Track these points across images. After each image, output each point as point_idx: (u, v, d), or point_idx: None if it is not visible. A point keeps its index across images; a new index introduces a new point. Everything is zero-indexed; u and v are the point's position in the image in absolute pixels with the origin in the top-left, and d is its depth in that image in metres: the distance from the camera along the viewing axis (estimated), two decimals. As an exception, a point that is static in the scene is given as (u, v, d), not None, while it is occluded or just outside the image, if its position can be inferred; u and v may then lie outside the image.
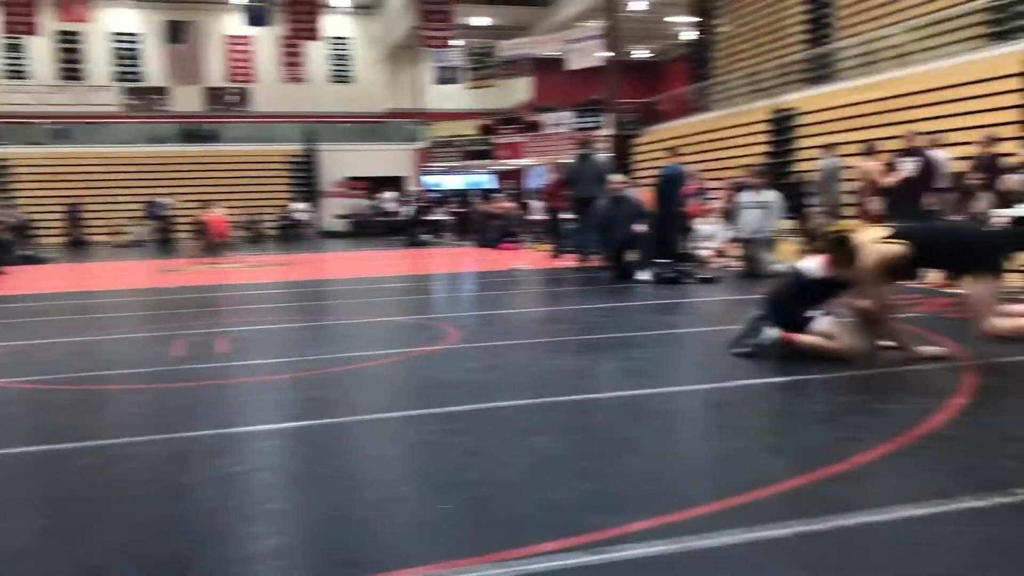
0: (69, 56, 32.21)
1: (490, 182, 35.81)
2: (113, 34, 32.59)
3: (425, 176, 32.93)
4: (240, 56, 33.27)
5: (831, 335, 4.50)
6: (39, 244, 22.26)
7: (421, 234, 22.25)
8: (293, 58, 33.47)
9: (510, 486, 2.74)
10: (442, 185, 34.83)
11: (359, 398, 4.32)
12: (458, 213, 24.37)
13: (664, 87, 34.75)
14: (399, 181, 31.34)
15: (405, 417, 3.81)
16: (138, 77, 32.76)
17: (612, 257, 10.39)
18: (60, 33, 30.61)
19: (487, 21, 34.31)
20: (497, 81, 32.73)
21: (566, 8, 30.64)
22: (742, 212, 10.22)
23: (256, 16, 29.40)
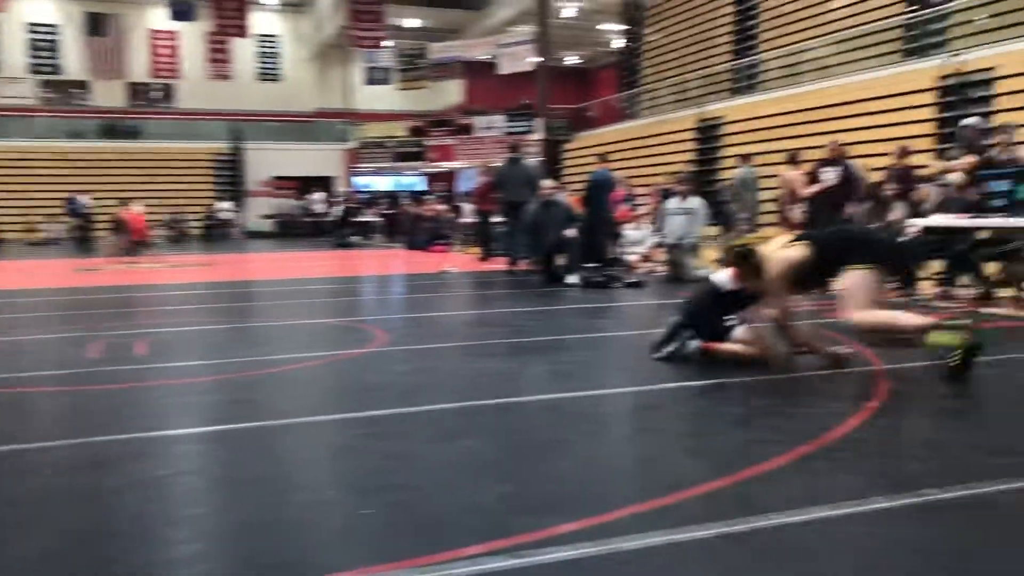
0: (-19, 46, 31.04)
1: (420, 184, 35.64)
2: (30, 24, 31.47)
3: (354, 177, 32.60)
4: (165, 51, 32.46)
5: (749, 342, 4.61)
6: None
7: (349, 235, 22.03)
8: (220, 55, 32.79)
9: (435, 490, 2.73)
10: (372, 186, 34.51)
11: (283, 401, 4.25)
12: (388, 215, 24.20)
13: (594, 94, 35.12)
14: (328, 181, 30.95)
15: (330, 421, 3.76)
16: (56, 70, 31.66)
17: (542, 261, 10.45)
18: (-28, 22, 29.50)
19: (418, 23, 34.16)
20: (428, 83, 32.64)
21: (498, 12, 30.73)
22: (668, 218, 10.40)
23: (181, 10, 28.73)
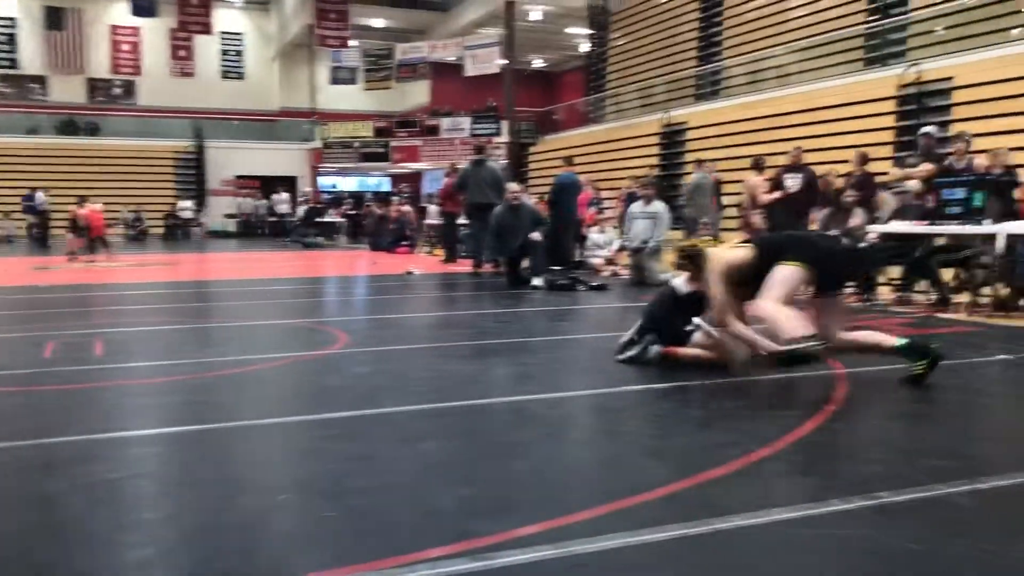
0: (-64, 39, 30.40)
1: (385, 185, 35.49)
2: (-15, 17, 30.90)
3: (319, 177, 32.36)
4: (126, 47, 32.01)
5: (708, 345, 4.65)
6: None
7: (313, 236, 21.87)
8: (182, 51, 32.42)
9: (394, 493, 2.71)
10: (336, 186, 34.31)
11: (242, 403, 4.19)
12: (352, 215, 24.05)
13: (560, 97, 35.25)
14: (292, 181, 30.68)
15: (289, 423, 3.71)
16: (13, 64, 31.04)
17: (507, 263, 10.45)
18: (-74, 14, 28.90)
19: (385, 23, 34.03)
20: (394, 83, 32.52)
21: (465, 14, 30.72)
22: (632, 222, 10.45)
23: (143, 6, 28.34)
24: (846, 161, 10.82)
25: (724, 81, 21.82)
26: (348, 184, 35.10)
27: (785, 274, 4.19)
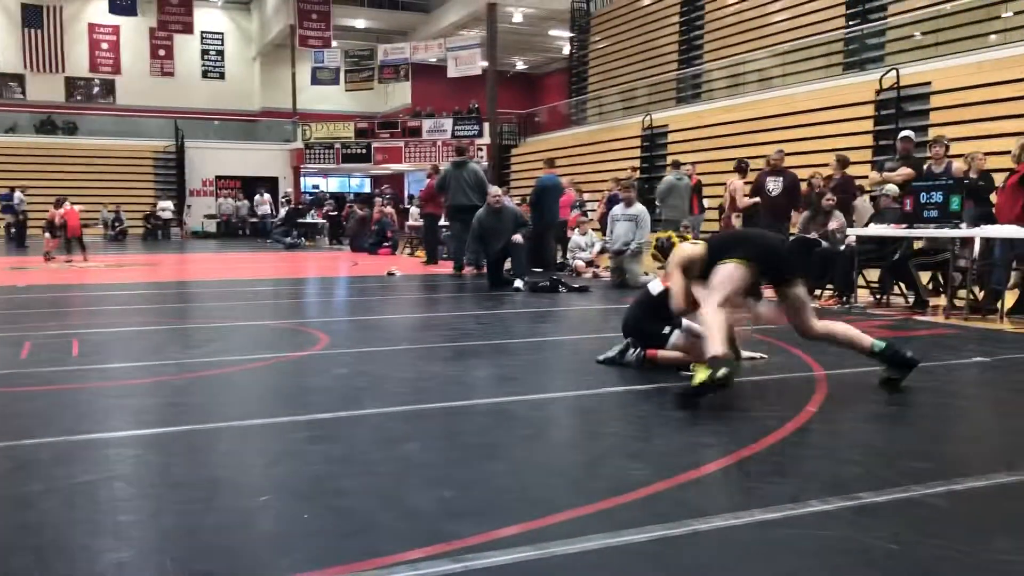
0: (-89, 35, 30.03)
1: (367, 186, 35.39)
2: (-39, 14, 30.59)
3: (300, 177, 32.24)
4: (105, 46, 31.78)
5: (685, 347, 4.66)
6: None
7: (295, 237, 21.77)
8: (163, 51, 32.22)
9: (375, 494, 2.70)
10: (318, 187, 34.18)
11: (221, 404, 4.17)
12: (333, 216, 23.96)
13: (542, 99, 35.30)
14: (273, 182, 30.54)
15: (269, 424, 3.70)
16: (-11, 62, 30.79)
17: (490, 265, 10.44)
18: (-99, 10, 28.54)
19: (367, 24, 33.96)
20: (376, 84, 32.45)
21: (447, 15, 30.70)
22: (614, 224, 10.48)
23: (122, 4, 28.13)
24: (825, 164, 10.91)
25: (705, 84, 21.93)
26: (329, 184, 35.01)
27: (725, 273, 4.20)
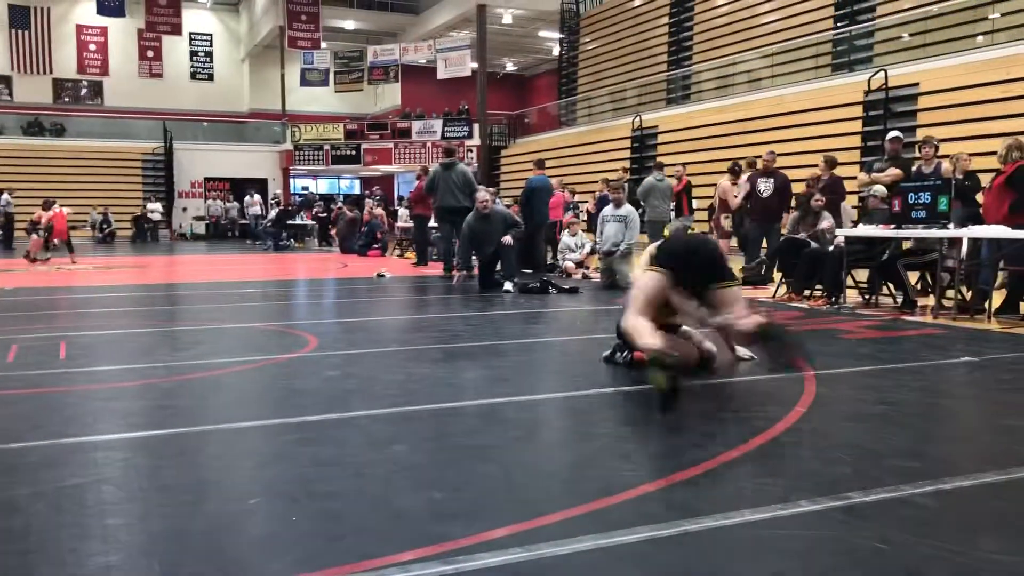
0: None
1: (357, 187, 35.32)
2: (-53, 16, 30.39)
3: (290, 179, 32.15)
4: (93, 47, 31.65)
5: (669, 347, 4.66)
6: None
7: (284, 238, 21.71)
8: (151, 52, 32.10)
9: (364, 497, 2.69)
10: (307, 189, 34.10)
11: (210, 407, 4.15)
12: (323, 218, 23.91)
13: (532, 100, 35.32)
14: (263, 183, 30.46)
15: (257, 427, 3.68)
16: (-25, 63, 30.61)
17: (481, 267, 10.43)
18: None
19: (356, 25, 33.91)
20: (365, 86, 32.40)
21: (437, 17, 30.70)
22: (604, 225, 10.49)
23: (110, 6, 28.01)
24: (814, 165, 10.95)
25: (694, 85, 21.99)
26: (319, 186, 34.93)
27: (642, 281, 4.43)
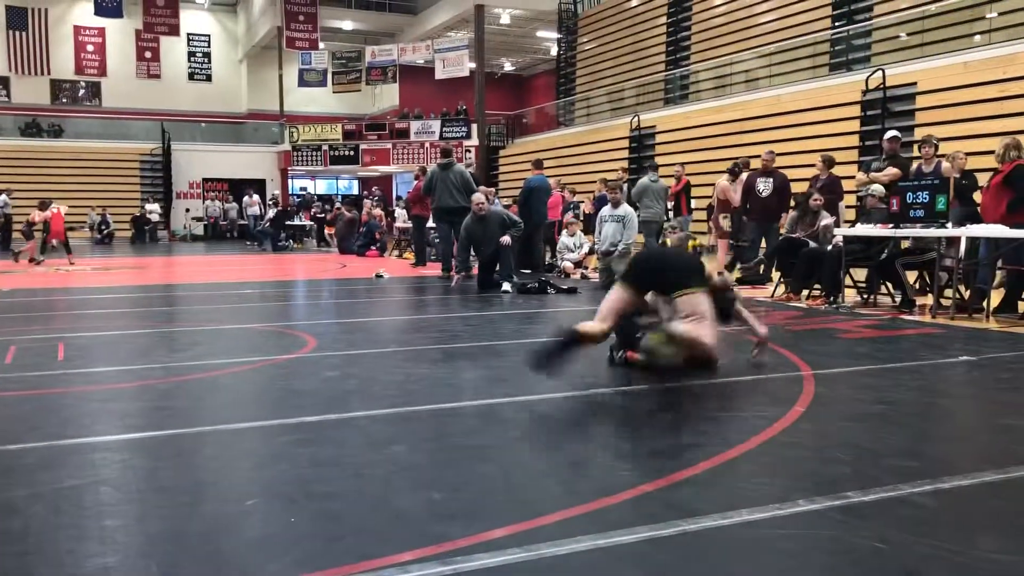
0: None
1: (355, 187, 35.31)
2: (-55, 17, 30.35)
3: (288, 180, 32.14)
4: (90, 48, 31.63)
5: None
6: None
7: (282, 239, 21.70)
8: (149, 53, 32.09)
9: (362, 497, 2.69)
10: (306, 189, 34.09)
11: (208, 408, 4.15)
12: (321, 218, 23.91)
13: (530, 100, 35.32)
14: (261, 184, 30.44)
15: (256, 428, 3.68)
16: (-27, 64, 30.57)
17: (480, 268, 10.43)
18: None
19: (354, 25, 33.90)
20: (363, 86, 32.38)
21: (435, 17, 30.69)
22: (602, 225, 10.49)
23: (108, 7, 27.99)
24: (812, 165, 10.95)
25: (692, 85, 21.97)
26: (317, 187, 34.91)
27: (610, 293, 4.73)
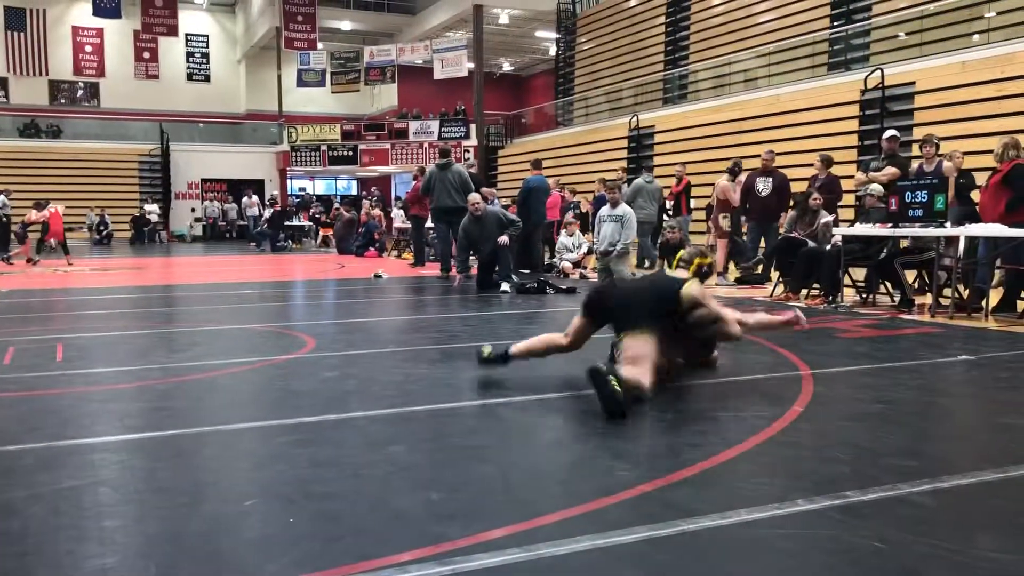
0: None
1: (354, 188, 35.30)
2: (-57, 17, 30.32)
3: (287, 180, 32.12)
4: (89, 48, 31.61)
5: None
6: None
7: (281, 239, 21.70)
8: (147, 53, 32.08)
9: (361, 497, 2.69)
10: (304, 190, 34.08)
11: (207, 408, 4.14)
12: (320, 219, 23.90)
13: (529, 100, 35.32)
14: (259, 184, 30.42)
15: (255, 428, 3.68)
16: (-28, 65, 30.54)
17: (479, 268, 10.42)
18: None
19: (353, 26, 33.90)
20: (362, 86, 32.37)
21: (433, 17, 30.68)
22: (600, 225, 10.49)
23: (106, 7, 27.97)
24: (810, 164, 10.95)
25: (691, 85, 21.98)
26: (316, 187, 34.90)
27: (573, 320, 4.70)
